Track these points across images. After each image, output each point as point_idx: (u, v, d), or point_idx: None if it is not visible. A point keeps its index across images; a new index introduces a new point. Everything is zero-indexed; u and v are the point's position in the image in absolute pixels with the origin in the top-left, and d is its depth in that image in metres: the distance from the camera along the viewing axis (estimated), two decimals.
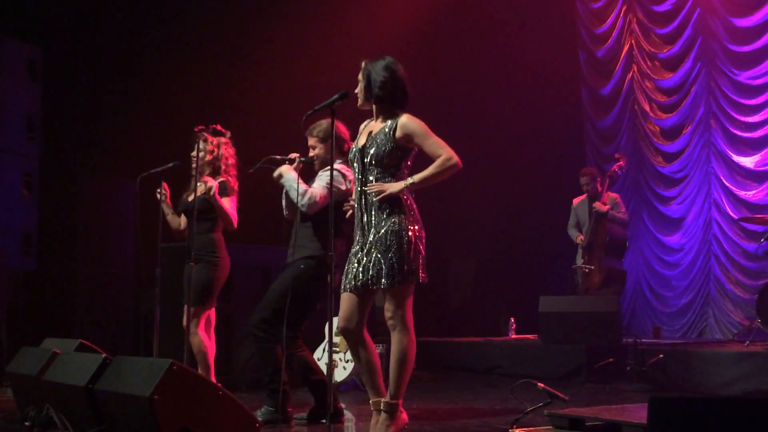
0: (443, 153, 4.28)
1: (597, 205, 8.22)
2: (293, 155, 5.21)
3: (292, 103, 5.21)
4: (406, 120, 4.34)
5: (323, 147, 5.18)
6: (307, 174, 5.30)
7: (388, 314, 4.27)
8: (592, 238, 8.31)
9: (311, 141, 5.26)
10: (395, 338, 4.26)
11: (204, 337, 5.60)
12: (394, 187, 4.25)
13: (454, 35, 10.91)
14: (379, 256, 4.23)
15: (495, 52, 10.98)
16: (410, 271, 4.22)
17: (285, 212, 5.35)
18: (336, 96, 4.26)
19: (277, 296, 5.02)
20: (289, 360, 5.10)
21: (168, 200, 5.86)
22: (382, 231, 4.25)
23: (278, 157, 5.23)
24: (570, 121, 11.12)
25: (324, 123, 5.13)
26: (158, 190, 5.80)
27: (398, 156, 4.34)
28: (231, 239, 5.89)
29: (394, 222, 4.25)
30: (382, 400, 4.30)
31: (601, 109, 11.01)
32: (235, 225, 5.73)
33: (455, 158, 4.27)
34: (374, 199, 4.26)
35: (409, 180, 4.27)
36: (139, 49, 9.16)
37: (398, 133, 4.32)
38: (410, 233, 4.26)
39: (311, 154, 5.26)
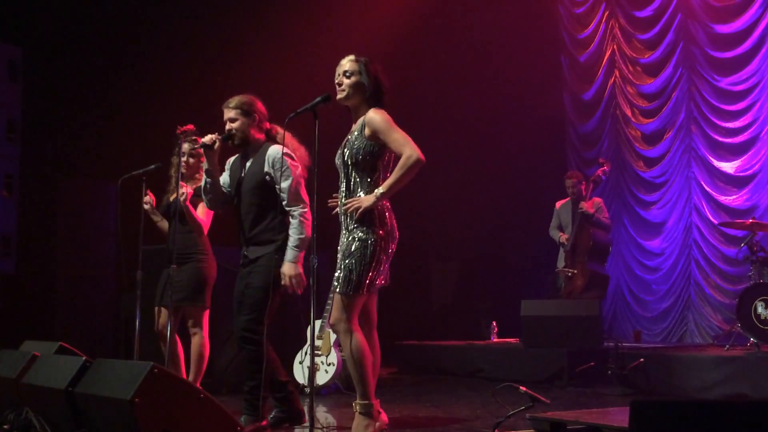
0: (405, 150, 4.23)
1: (583, 205, 8.25)
2: (211, 137, 4.83)
3: (275, 106, 5.16)
4: (371, 115, 4.31)
5: (245, 121, 4.87)
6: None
7: (332, 318, 4.32)
8: (575, 241, 8.33)
9: (230, 113, 4.89)
10: (342, 342, 4.32)
11: (207, 340, 5.59)
12: (367, 201, 4.22)
13: (437, 38, 10.93)
14: (345, 261, 4.27)
15: (478, 55, 11.01)
16: (363, 282, 4.24)
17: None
18: (319, 99, 4.24)
19: (263, 294, 4.72)
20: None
21: (154, 206, 5.78)
22: (351, 237, 4.29)
23: (198, 143, 4.98)
24: (552, 125, 11.15)
25: (241, 95, 4.91)
26: (144, 201, 5.72)
27: (373, 155, 4.32)
28: (213, 242, 5.86)
29: (363, 230, 4.27)
30: (356, 401, 4.31)
31: (583, 113, 11.05)
32: (205, 232, 5.69)
33: (416, 153, 4.20)
34: (355, 216, 4.24)
35: (379, 191, 4.23)
36: (120, 50, 9.12)
37: (366, 130, 4.31)
38: (375, 244, 4.26)
39: (229, 126, 4.89)
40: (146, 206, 5.71)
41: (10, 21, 8.29)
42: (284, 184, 4.73)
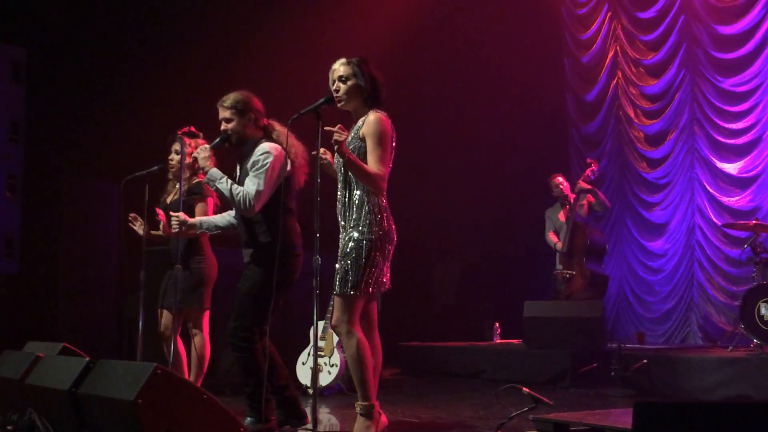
0: (379, 171, 4.25)
1: (580, 183, 8.32)
2: (205, 154, 4.79)
3: (277, 107, 5.16)
4: (372, 117, 4.31)
5: (240, 120, 4.80)
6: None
7: (334, 320, 4.32)
8: (571, 243, 8.35)
9: (225, 113, 4.81)
10: (343, 343, 4.32)
11: (207, 341, 5.60)
12: (344, 139, 4.13)
13: (438, 40, 10.93)
14: (341, 261, 4.29)
15: (480, 56, 11.01)
16: (359, 282, 4.24)
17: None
18: (322, 100, 4.24)
19: (247, 301, 4.76)
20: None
21: (147, 226, 5.73)
22: (347, 236, 4.30)
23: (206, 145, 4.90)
24: (555, 126, 11.15)
25: (235, 93, 4.84)
26: (136, 225, 5.68)
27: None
28: (215, 242, 5.86)
29: (360, 230, 4.27)
30: (356, 403, 4.32)
31: (586, 114, 11.05)
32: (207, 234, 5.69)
33: (383, 185, 4.28)
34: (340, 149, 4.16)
35: (350, 157, 4.19)
36: (124, 52, 9.12)
37: (363, 129, 4.30)
38: (370, 244, 4.25)
39: (224, 127, 4.83)
40: (140, 230, 5.68)
41: (14, 22, 8.30)
42: (252, 180, 4.67)
